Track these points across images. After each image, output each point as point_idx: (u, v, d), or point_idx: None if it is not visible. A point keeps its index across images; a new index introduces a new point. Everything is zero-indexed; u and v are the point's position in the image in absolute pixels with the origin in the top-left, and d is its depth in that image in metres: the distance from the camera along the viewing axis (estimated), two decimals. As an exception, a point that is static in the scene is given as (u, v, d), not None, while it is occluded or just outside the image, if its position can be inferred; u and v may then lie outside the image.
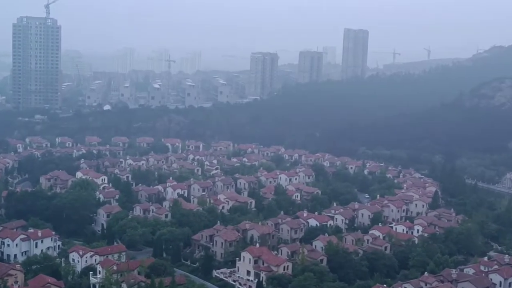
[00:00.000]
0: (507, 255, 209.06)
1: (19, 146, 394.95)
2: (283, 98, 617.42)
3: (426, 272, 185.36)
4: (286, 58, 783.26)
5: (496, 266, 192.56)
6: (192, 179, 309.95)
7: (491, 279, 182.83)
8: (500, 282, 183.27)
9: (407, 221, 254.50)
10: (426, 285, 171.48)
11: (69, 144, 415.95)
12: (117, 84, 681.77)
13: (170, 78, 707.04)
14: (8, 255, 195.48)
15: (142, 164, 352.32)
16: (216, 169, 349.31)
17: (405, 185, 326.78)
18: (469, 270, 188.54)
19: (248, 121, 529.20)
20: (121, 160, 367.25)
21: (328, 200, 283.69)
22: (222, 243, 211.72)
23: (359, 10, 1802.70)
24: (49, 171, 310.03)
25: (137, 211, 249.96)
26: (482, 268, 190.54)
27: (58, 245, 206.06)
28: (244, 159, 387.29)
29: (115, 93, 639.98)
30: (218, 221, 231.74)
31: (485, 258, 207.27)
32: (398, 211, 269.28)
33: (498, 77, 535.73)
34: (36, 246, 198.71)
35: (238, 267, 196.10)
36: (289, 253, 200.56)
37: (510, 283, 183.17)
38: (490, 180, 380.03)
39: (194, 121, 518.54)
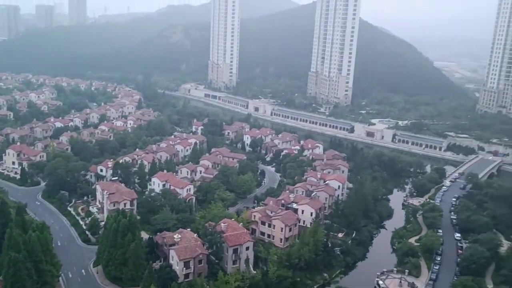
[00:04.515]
0: (185, 134, 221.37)
1: None
2: (27, 38, 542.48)
3: (137, 149, 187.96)
4: (26, 9, 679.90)
5: (178, 140, 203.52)
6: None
7: (176, 148, 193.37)
8: (181, 150, 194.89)
9: (123, 118, 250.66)
10: (137, 156, 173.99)
11: None
12: None
13: None
14: None
15: None
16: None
17: (119, 95, 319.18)
18: (163, 144, 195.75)
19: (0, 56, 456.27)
20: None
21: (68, 109, 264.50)
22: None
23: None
24: None
25: None
26: (171, 142, 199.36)
27: None
28: (1, 83, 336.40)
29: None
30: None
31: (173, 136, 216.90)
32: (117, 112, 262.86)
33: (173, 25, 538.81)
34: None
35: (5, 160, 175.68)
36: (43, 146, 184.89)
37: (187, 150, 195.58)
38: (172, 89, 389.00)
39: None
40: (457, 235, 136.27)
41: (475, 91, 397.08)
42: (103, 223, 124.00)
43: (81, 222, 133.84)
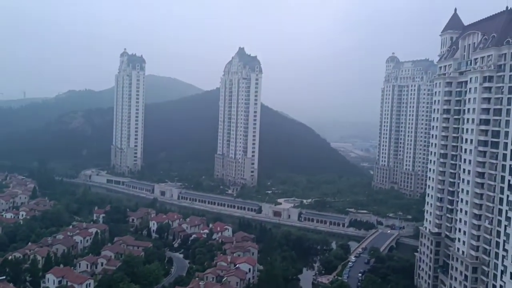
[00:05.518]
0: (84, 223, 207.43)
1: None
2: None
3: (30, 242, 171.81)
4: None
5: (77, 230, 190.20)
6: None
7: (75, 239, 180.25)
8: (81, 241, 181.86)
9: (15, 209, 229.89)
10: (30, 251, 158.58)
11: None
12: None
13: None
14: None
15: None
16: None
17: (11, 184, 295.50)
18: (60, 236, 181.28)
19: None
20: None
21: None
22: None
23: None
24: None
25: None
26: (68, 233, 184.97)
27: None
28: None
29: None
30: None
31: (71, 227, 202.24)
32: (7, 203, 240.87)
33: (73, 110, 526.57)
34: None
35: None
36: None
37: (88, 240, 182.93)
38: (71, 176, 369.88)
39: None
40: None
41: (370, 169, 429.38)
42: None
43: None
